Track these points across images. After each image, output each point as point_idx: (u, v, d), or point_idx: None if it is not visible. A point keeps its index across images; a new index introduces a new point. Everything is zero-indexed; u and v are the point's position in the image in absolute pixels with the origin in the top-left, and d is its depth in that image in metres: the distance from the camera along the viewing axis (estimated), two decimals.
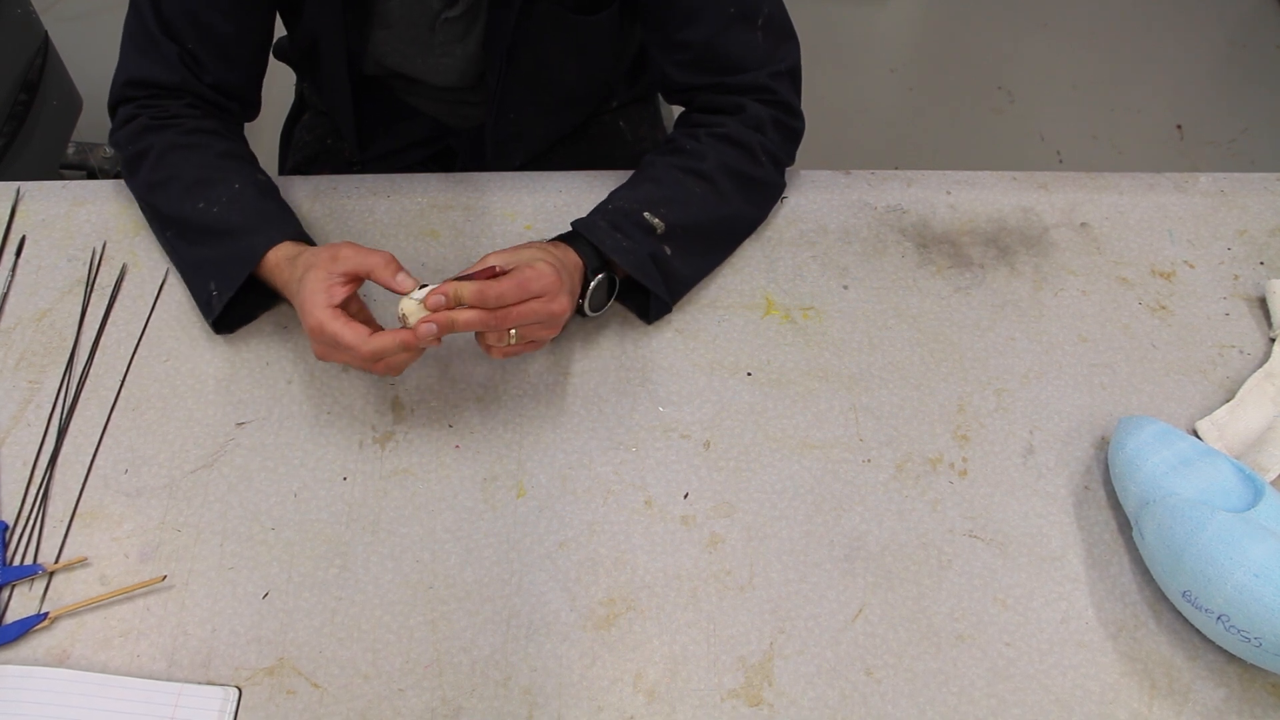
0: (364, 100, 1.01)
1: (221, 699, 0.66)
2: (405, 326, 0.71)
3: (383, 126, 1.06)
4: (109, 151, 1.80)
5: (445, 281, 0.72)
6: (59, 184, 0.94)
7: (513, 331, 0.73)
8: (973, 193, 0.97)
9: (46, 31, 1.58)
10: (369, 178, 0.94)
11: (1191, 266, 0.93)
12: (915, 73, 2.25)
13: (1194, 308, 0.90)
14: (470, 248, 0.90)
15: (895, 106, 2.17)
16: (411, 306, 0.71)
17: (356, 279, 0.74)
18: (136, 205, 0.91)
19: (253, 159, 0.88)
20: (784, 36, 0.89)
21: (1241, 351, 0.88)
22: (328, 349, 0.72)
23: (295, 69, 1.13)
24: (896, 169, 0.99)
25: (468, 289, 0.70)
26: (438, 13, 0.91)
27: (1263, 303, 0.91)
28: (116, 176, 0.92)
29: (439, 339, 0.71)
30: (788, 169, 0.94)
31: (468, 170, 1.07)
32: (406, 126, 1.07)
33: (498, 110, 0.97)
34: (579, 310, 0.82)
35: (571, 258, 0.78)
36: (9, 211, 0.91)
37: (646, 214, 0.82)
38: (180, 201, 0.82)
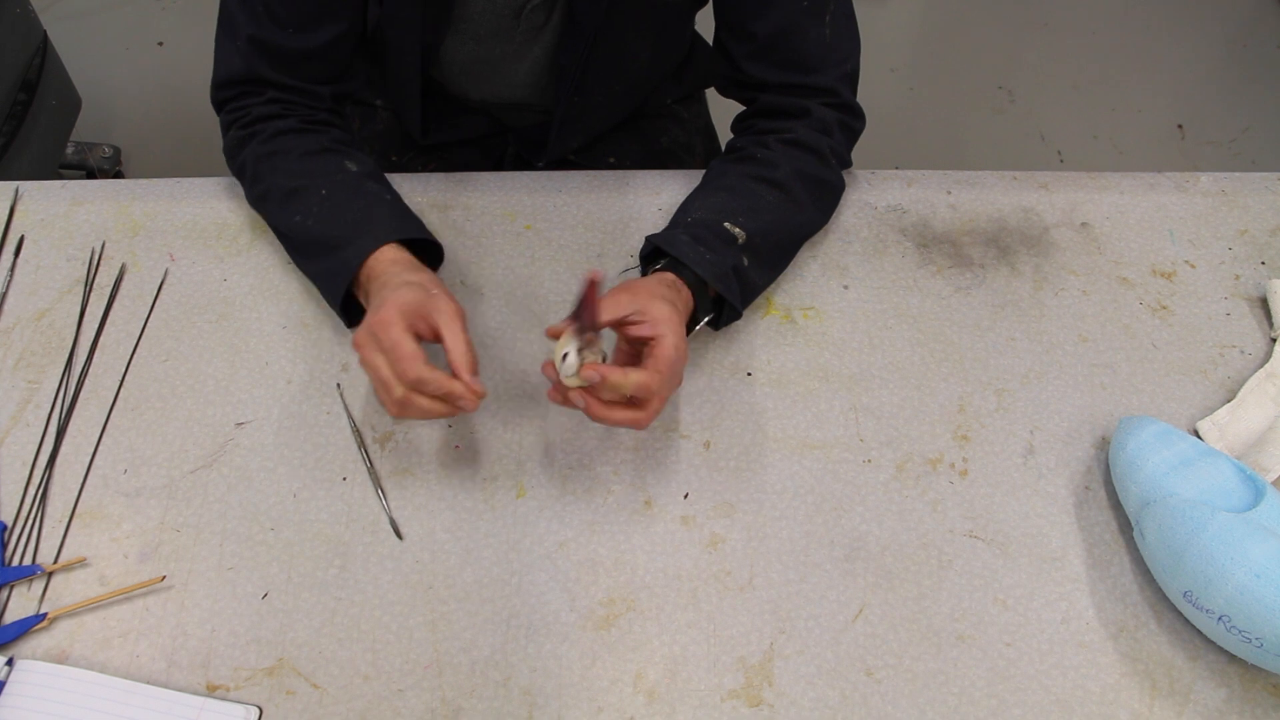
0: (426, 95, 1.00)
1: (243, 717, 0.66)
2: (560, 376, 0.70)
3: (438, 120, 1.06)
4: (107, 151, 1.79)
5: (607, 365, 0.69)
6: (58, 184, 0.94)
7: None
8: (973, 192, 0.97)
9: (46, 31, 1.58)
10: None
11: (1192, 266, 0.93)
12: (915, 73, 2.25)
13: (1195, 308, 0.90)
14: (470, 248, 0.90)
15: (895, 106, 2.17)
16: (574, 381, 0.69)
17: (435, 335, 0.72)
18: (134, 205, 0.91)
19: (337, 146, 0.85)
20: (849, 32, 0.89)
21: (1242, 351, 0.88)
22: (376, 352, 0.69)
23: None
24: (896, 169, 0.99)
25: (632, 383, 0.68)
26: (523, 5, 0.90)
27: (1264, 303, 0.91)
28: (116, 176, 0.92)
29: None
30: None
31: (520, 158, 1.07)
32: (467, 121, 1.07)
33: (569, 95, 0.97)
34: None
35: (686, 298, 0.77)
36: (8, 211, 0.90)
37: (727, 224, 0.82)
38: (279, 216, 0.84)
